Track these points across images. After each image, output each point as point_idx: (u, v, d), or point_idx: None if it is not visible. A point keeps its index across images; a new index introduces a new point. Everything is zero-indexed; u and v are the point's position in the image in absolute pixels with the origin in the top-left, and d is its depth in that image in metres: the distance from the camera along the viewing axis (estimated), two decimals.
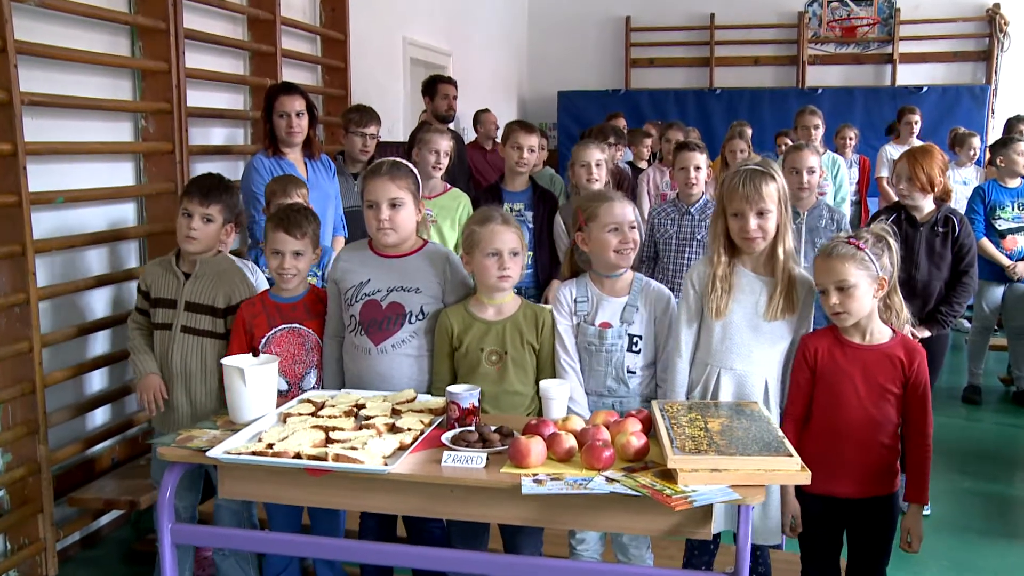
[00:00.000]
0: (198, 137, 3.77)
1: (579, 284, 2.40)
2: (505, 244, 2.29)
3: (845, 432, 2.13)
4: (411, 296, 2.38)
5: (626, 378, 2.33)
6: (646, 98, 8.77)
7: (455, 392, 2.04)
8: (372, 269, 2.42)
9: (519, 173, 3.74)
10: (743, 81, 8.80)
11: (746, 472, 1.72)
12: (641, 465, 1.82)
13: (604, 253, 2.33)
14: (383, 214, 2.34)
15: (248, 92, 4.23)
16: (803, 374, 2.19)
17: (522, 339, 2.32)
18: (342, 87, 5.03)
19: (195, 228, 2.54)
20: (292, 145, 3.52)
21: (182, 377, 2.56)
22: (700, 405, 2.09)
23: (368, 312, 2.39)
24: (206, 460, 1.89)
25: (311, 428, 1.98)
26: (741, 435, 1.85)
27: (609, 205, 2.34)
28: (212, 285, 2.57)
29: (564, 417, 2.02)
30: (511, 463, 1.81)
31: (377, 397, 2.23)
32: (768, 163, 2.23)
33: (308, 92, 3.64)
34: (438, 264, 2.42)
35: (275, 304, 2.51)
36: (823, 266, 2.14)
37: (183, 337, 2.55)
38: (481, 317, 2.33)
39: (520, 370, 2.32)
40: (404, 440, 1.92)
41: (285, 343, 2.48)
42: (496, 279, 2.29)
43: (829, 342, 2.17)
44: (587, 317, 2.35)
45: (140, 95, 3.46)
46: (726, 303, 2.22)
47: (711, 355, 2.27)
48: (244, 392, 2.09)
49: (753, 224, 2.18)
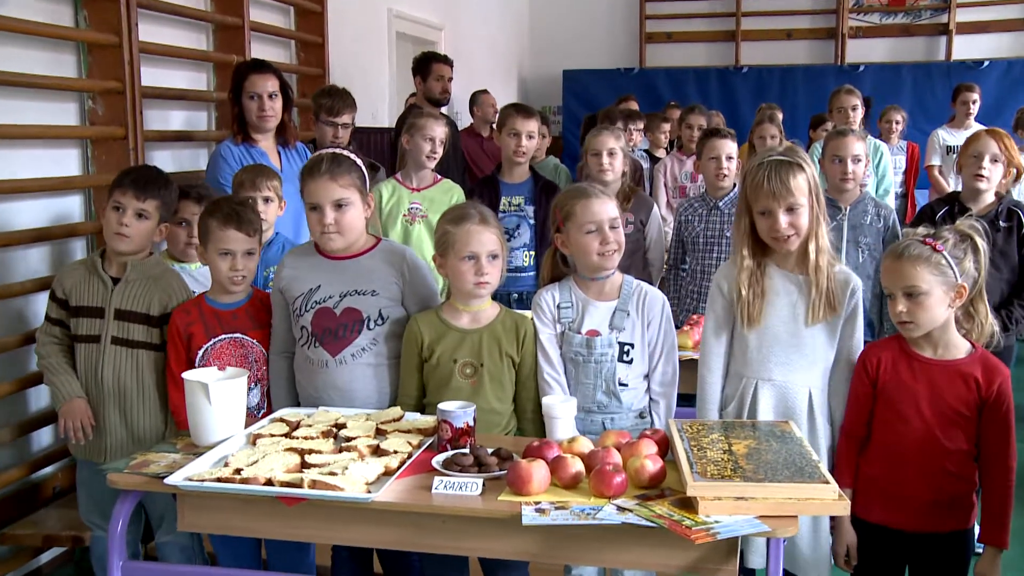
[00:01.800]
0: (154, 121, 3.78)
1: (562, 288, 2.41)
2: (483, 246, 2.30)
3: (907, 456, 2.13)
4: (367, 300, 2.40)
5: (618, 391, 2.35)
6: (663, 78, 8.80)
7: (448, 410, 2.06)
8: (321, 273, 2.43)
9: (518, 163, 3.76)
10: (773, 58, 8.82)
11: (776, 501, 1.73)
12: (657, 493, 1.83)
13: (585, 256, 2.34)
14: (327, 218, 2.35)
15: (212, 70, 4.25)
16: (863, 387, 2.20)
17: (500, 350, 2.34)
18: (319, 65, 5.05)
19: (127, 224, 2.53)
20: (264, 131, 3.53)
21: (115, 396, 2.54)
22: (724, 425, 2.11)
23: (321, 321, 2.41)
24: (164, 488, 1.90)
25: (284, 451, 2.00)
26: (770, 459, 1.87)
27: (586, 203, 2.35)
28: (145, 290, 2.57)
29: (570, 438, 2.04)
30: (510, 490, 1.82)
31: (359, 416, 2.24)
32: (795, 150, 2.25)
33: (281, 71, 3.66)
34: (395, 263, 2.43)
35: (213, 311, 2.52)
36: (891, 268, 2.14)
37: (114, 350, 2.54)
38: (455, 325, 2.35)
39: (497, 385, 2.33)
40: (390, 464, 1.93)
41: (226, 355, 2.49)
42: (472, 285, 2.30)
43: (894, 353, 2.18)
44: (572, 324, 2.37)
45: (86, 72, 3.46)
46: (760, 309, 2.24)
47: (747, 366, 2.28)
48: (208, 411, 2.10)
49: (784, 222, 2.19)
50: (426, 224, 3.57)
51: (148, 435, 2.53)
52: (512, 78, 8.95)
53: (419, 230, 3.60)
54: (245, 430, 2.17)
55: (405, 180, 3.68)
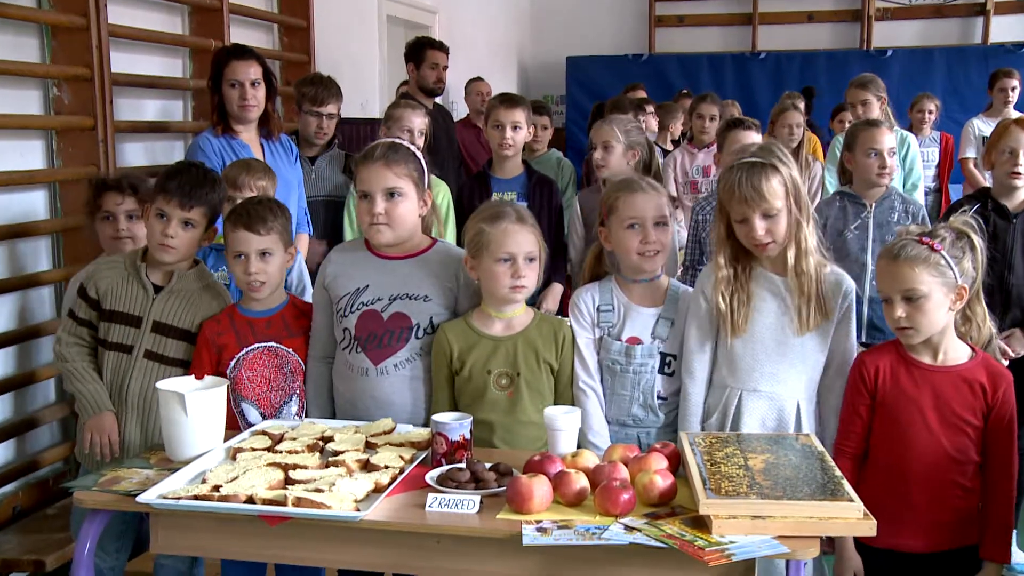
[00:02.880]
0: (126, 111, 3.79)
1: (603, 289, 2.42)
2: (520, 247, 2.30)
3: (912, 472, 2.14)
4: (418, 305, 2.40)
5: (655, 405, 2.36)
6: (674, 64, 8.81)
7: (442, 422, 2.06)
8: (370, 273, 2.44)
9: (506, 156, 3.77)
10: (793, 42, 8.83)
11: (796, 520, 1.73)
12: (667, 511, 1.84)
13: (625, 254, 2.37)
14: (377, 207, 2.36)
15: (188, 56, 4.26)
16: (860, 399, 2.21)
17: (538, 358, 2.34)
18: (304, 51, 5.06)
19: (172, 235, 2.51)
20: (245, 122, 3.55)
21: (138, 411, 2.54)
22: (739, 438, 2.11)
23: (366, 325, 2.41)
24: (136, 507, 1.90)
25: (267, 466, 2.00)
26: (789, 474, 1.87)
27: (630, 196, 2.36)
28: (189, 304, 2.56)
29: (574, 452, 2.04)
30: (510, 508, 1.83)
31: (348, 428, 2.25)
32: (769, 150, 2.24)
33: (264, 57, 3.67)
34: (451, 266, 2.44)
35: (246, 320, 2.52)
36: (887, 270, 2.15)
37: (146, 364, 2.54)
38: (487, 333, 2.36)
39: (536, 395, 2.34)
40: (380, 480, 1.93)
41: (260, 366, 2.50)
42: (508, 289, 2.31)
43: (892, 361, 2.19)
44: (612, 330, 2.38)
45: (50, 57, 3.46)
46: (744, 316, 2.25)
47: (731, 375, 2.30)
48: (184, 423, 2.11)
49: (760, 229, 2.20)
50: None
51: None
52: (512, 65, 8.96)
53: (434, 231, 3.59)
54: (224, 444, 2.17)
55: None
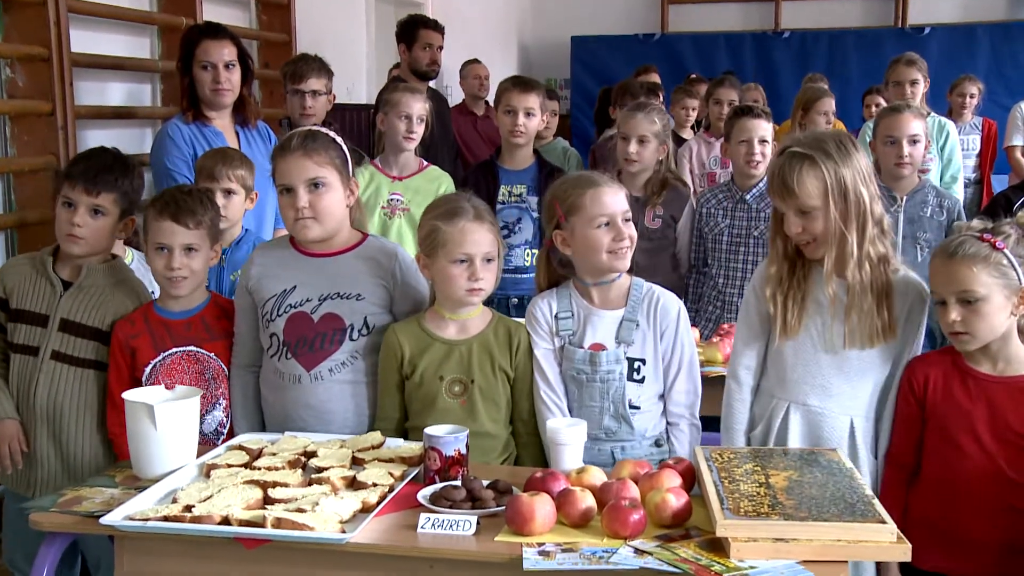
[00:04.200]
0: (88, 95, 3.81)
1: (560, 295, 2.44)
2: (478, 247, 2.32)
3: (963, 491, 2.14)
4: (351, 305, 2.42)
5: (628, 415, 2.37)
6: (688, 45, 8.84)
7: (436, 435, 2.07)
8: (297, 272, 2.45)
9: (518, 145, 3.78)
10: (821, 20, 8.84)
11: (822, 543, 1.74)
12: (681, 532, 1.84)
13: (593, 255, 2.36)
14: (300, 200, 2.37)
15: (156, 35, 4.27)
16: (910, 409, 2.21)
17: (493, 364, 2.36)
18: (284, 30, 5.08)
19: (79, 224, 2.52)
20: (219, 107, 3.56)
21: (48, 420, 2.54)
22: (759, 453, 2.12)
23: (296, 328, 2.42)
24: (99, 529, 1.90)
25: (244, 484, 2.01)
26: (815, 493, 1.88)
27: (596, 192, 2.37)
28: (100, 299, 2.57)
29: (579, 468, 2.05)
30: (509, 529, 1.84)
31: (332, 442, 2.25)
32: (821, 140, 2.24)
33: (239, 36, 3.68)
34: (385, 262, 2.46)
35: (161, 320, 2.53)
36: (942, 270, 2.14)
37: (53, 367, 2.54)
38: (440, 336, 2.37)
39: (491, 405, 2.36)
40: (368, 499, 1.94)
41: (179, 372, 2.51)
42: (464, 292, 2.33)
43: (945, 369, 2.19)
44: (573, 338, 2.39)
45: (2, 35, 3.47)
46: (797, 316, 2.26)
47: (779, 385, 2.30)
48: (153, 437, 2.11)
49: (794, 225, 2.21)
50: (408, 218, 3.59)
51: (85, 468, 2.52)
52: (511, 46, 8.98)
53: (399, 225, 3.62)
54: (197, 460, 2.18)
55: (384, 167, 3.70)
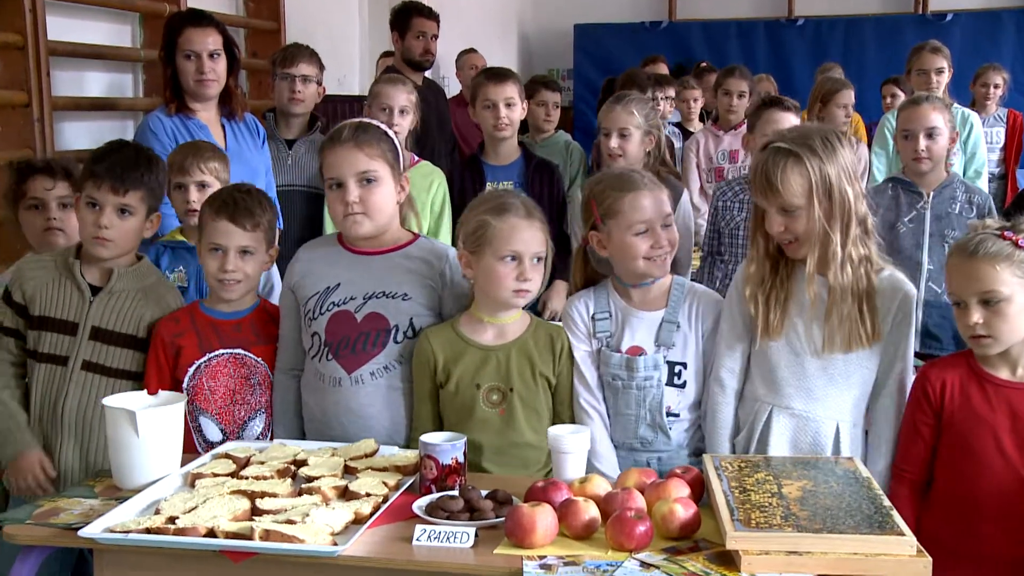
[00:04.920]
0: (66, 85, 3.81)
1: (597, 295, 2.44)
2: (528, 246, 2.32)
3: (984, 504, 2.14)
4: (397, 305, 2.42)
5: (666, 424, 2.37)
6: (698, 33, 8.85)
7: (431, 443, 2.07)
8: (342, 270, 2.46)
9: (501, 139, 3.78)
10: (836, 6, 8.85)
11: (838, 557, 1.74)
12: (689, 545, 1.84)
13: (630, 261, 2.37)
14: (351, 195, 2.37)
15: (138, 22, 4.28)
16: (922, 418, 2.21)
17: (533, 371, 2.36)
18: (272, 18, 5.08)
19: (107, 225, 2.50)
20: (204, 99, 3.56)
21: (76, 432, 2.53)
22: (773, 462, 2.12)
23: (338, 328, 2.42)
24: (78, 542, 1.90)
25: (231, 494, 2.01)
26: (830, 504, 1.88)
27: (635, 196, 2.38)
28: (134, 304, 2.55)
29: (583, 478, 2.05)
30: (509, 541, 1.84)
31: (323, 450, 2.26)
32: (806, 135, 2.24)
33: (225, 24, 3.68)
34: (435, 263, 2.46)
35: (209, 320, 2.54)
36: (961, 269, 2.15)
37: (85, 378, 2.53)
38: (476, 341, 2.37)
39: (532, 413, 2.36)
40: (361, 510, 1.94)
41: (223, 375, 2.51)
42: (511, 293, 2.33)
43: (963, 375, 2.19)
44: (610, 340, 2.40)
45: None
46: (779, 317, 2.26)
47: (763, 388, 2.31)
48: (135, 445, 2.12)
49: (776, 224, 2.21)
50: None
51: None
52: (511, 34, 8.98)
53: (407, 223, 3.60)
54: (181, 469, 2.18)
55: None
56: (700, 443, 2.40)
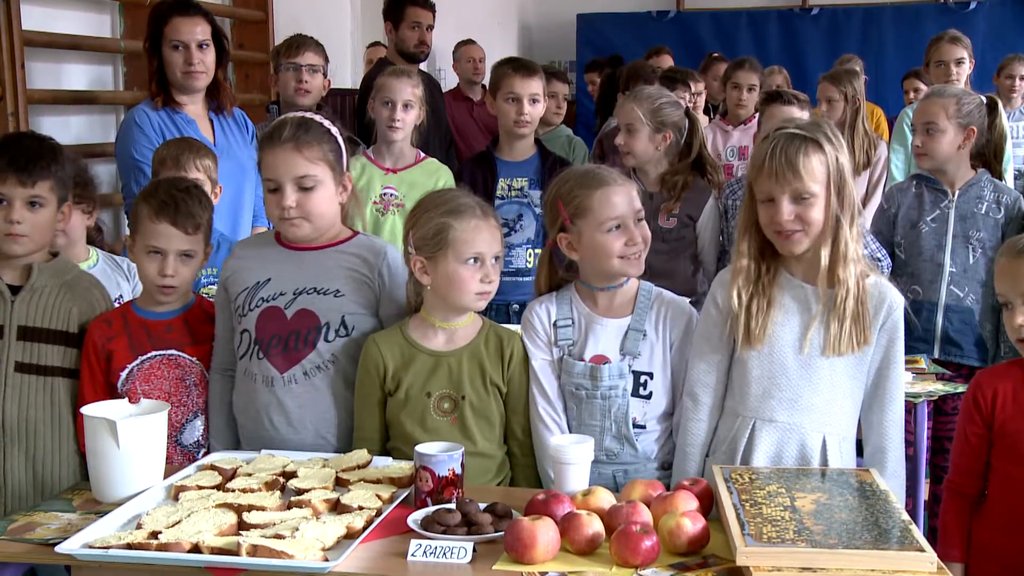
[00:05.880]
0: (42, 77, 3.81)
1: (560, 301, 2.45)
2: (490, 246, 2.34)
3: None
4: (327, 301, 2.43)
5: (632, 435, 2.38)
6: (706, 22, 8.85)
7: (427, 454, 2.08)
8: (274, 265, 2.47)
9: (520, 136, 3.78)
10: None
11: (853, 574, 1.74)
12: (698, 560, 1.85)
13: (604, 260, 2.37)
14: (287, 199, 2.38)
15: (119, 12, 4.28)
16: (973, 428, 2.22)
17: (484, 377, 2.37)
18: (260, 7, 5.09)
19: (18, 220, 2.51)
20: (191, 92, 3.56)
21: (19, 437, 2.53)
22: (785, 473, 2.13)
23: (268, 324, 2.43)
24: (55, 558, 1.90)
25: (216, 508, 2.01)
26: (845, 518, 1.89)
27: (604, 192, 2.37)
28: (59, 300, 2.57)
29: (585, 490, 2.06)
30: (509, 556, 1.84)
31: (314, 462, 2.26)
32: (818, 125, 2.25)
33: (213, 14, 3.69)
34: (371, 259, 2.47)
35: (141, 321, 2.54)
36: (1008, 269, 2.16)
37: (18, 379, 2.53)
38: (426, 347, 2.38)
39: (484, 422, 2.37)
40: (353, 524, 1.94)
41: (157, 378, 2.52)
42: (474, 295, 2.34)
43: (1016, 384, 2.19)
44: (572, 348, 2.40)
45: None
46: (762, 325, 2.25)
47: (744, 401, 2.30)
48: (116, 456, 2.12)
49: (787, 212, 2.19)
50: (402, 215, 3.58)
51: (61, 485, 2.51)
52: (511, 25, 8.99)
53: (392, 222, 3.62)
54: (164, 481, 2.18)
55: (377, 158, 3.71)
56: (669, 455, 2.40)
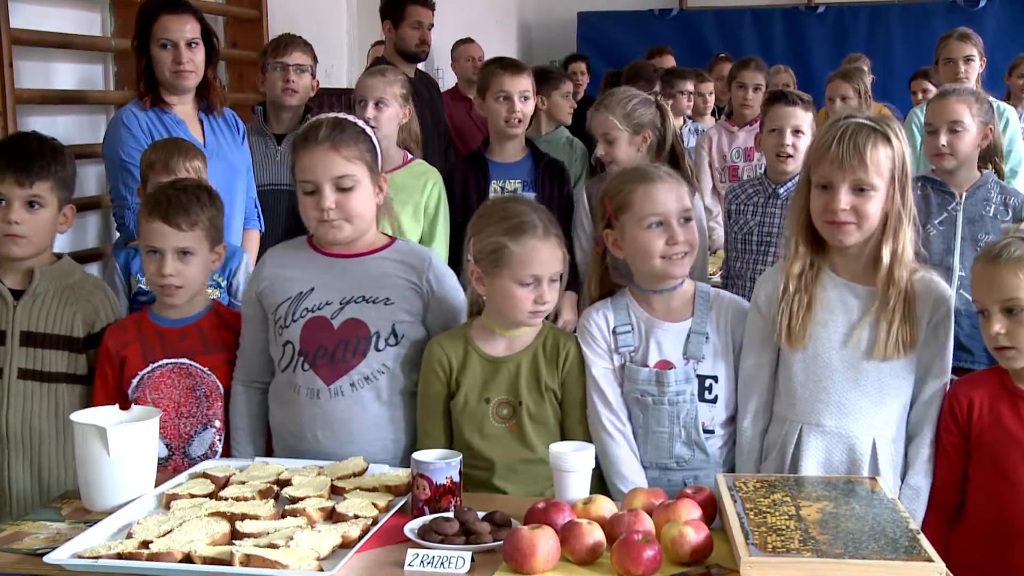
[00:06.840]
0: (31, 76, 3.81)
1: (616, 306, 2.45)
2: (547, 268, 2.33)
3: (1018, 530, 2.15)
4: (377, 310, 2.43)
5: (703, 441, 2.38)
6: (710, 21, 8.85)
7: (425, 461, 2.08)
8: (316, 274, 2.46)
9: (511, 136, 3.77)
10: None
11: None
12: (701, 570, 1.85)
13: (646, 260, 2.38)
14: (327, 201, 2.37)
15: (109, 9, 4.28)
16: (952, 439, 2.22)
17: (539, 383, 2.37)
18: (254, 5, 5.09)
19: (17, 221, 2.52)
20: (181, 91, 3.57)
21: (24, 446, 2.55)
22: (788, 481, 2.13)
23: (314, 335, 2.42)
24: (43, 568, 1.90)
25: (209, 516, 2.02)
26: (852, 527, 1.89)
27: (648, 188, 2.38)
28: (63, 304, 2.58)
29: (587, 498, 2.06)
30: (508, 566, 1.84)
31: (309, 469, 2.26)
32: (886, 120, 2.26)
33: (203, 12, 3.69)
34: (416, 266, 2.47)
35: (155, 328, 2.56)
36: (985, 275, 2.16)
37: (22, 387, 2.54)
38: (486, 352, 2.39)
39: (542, 428, 2.37)
40: (349, 533, 1.95)
41: (168, 387, 2.53)
42: (527, 315, 2.34)
43: (993, 392, 2.20)
44: (635, 355, 2.40)
45: None
46: (802, 323, 2.26)
47: (791, 406, 2.31)
48: (106, 464, 2.12)
49: (844, 201, 2.19)
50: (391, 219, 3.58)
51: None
52: (510, 23, 8.99)
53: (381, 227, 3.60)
54: (156, 489, 2.18)
55: None
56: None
